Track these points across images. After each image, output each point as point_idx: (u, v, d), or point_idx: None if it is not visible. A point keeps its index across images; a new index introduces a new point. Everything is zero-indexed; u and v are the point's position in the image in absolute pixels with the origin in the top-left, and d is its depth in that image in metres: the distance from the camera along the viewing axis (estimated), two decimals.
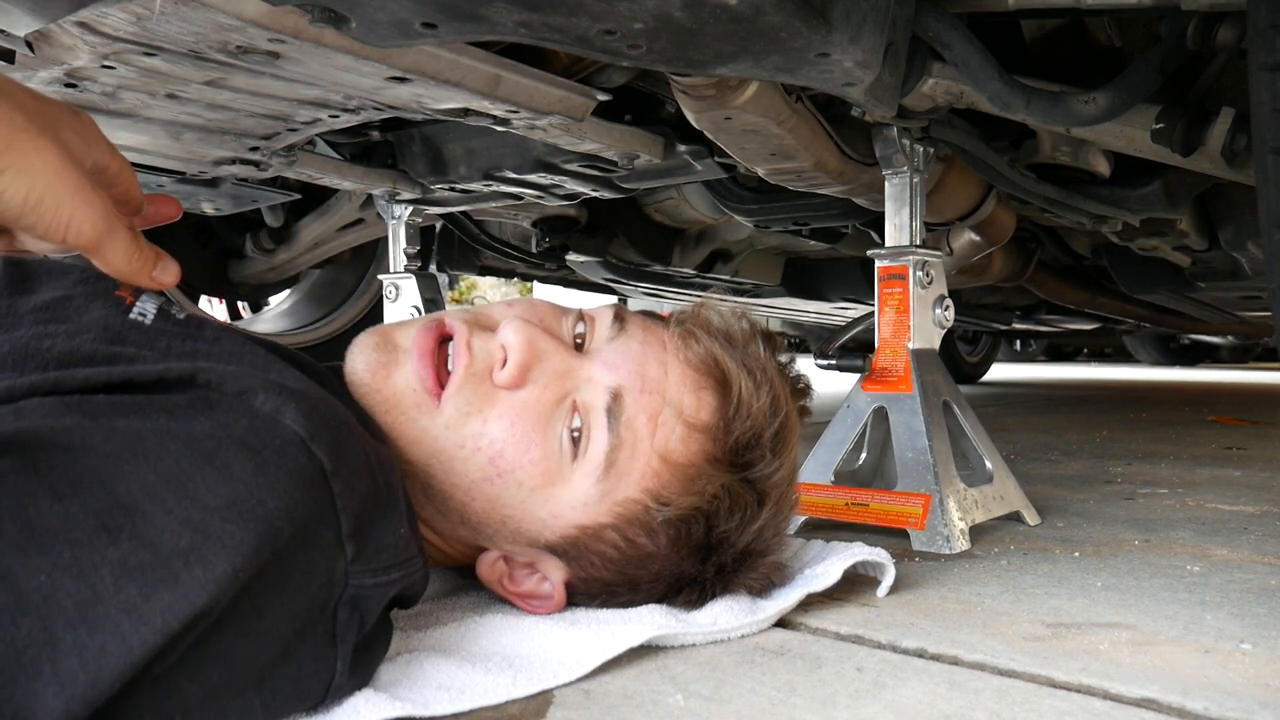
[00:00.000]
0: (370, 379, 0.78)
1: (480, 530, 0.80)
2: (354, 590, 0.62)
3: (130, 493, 0.53)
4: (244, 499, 0.56)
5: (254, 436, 0.59)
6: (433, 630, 0.79)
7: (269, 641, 0.57)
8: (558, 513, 0.78)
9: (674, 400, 0.79)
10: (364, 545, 0.63)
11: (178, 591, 0.51)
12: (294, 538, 0.58)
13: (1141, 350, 8.46)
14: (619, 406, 0.78)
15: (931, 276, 1.32)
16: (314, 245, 2.34)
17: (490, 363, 0.78)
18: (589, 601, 0.84)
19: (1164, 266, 2.39)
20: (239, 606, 0.55)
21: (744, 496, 0.81)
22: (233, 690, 0.55)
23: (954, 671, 0.75)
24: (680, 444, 0.79)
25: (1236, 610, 0.91)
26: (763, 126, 1.14)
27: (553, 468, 0.77)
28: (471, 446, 0.76)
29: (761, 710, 0.67)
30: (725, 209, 1.82)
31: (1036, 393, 4.74)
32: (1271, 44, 0.88)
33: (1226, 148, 1.19)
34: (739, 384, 0.81)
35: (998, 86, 1.07)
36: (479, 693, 0.67)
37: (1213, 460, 2.06)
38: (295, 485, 0.59)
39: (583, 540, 0.79)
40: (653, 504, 0.78)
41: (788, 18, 0.79)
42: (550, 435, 0.77)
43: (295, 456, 0.59)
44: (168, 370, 0.63)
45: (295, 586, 0.58)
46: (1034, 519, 1.33)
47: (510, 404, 0.77)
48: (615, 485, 0.78)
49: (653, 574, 0.82)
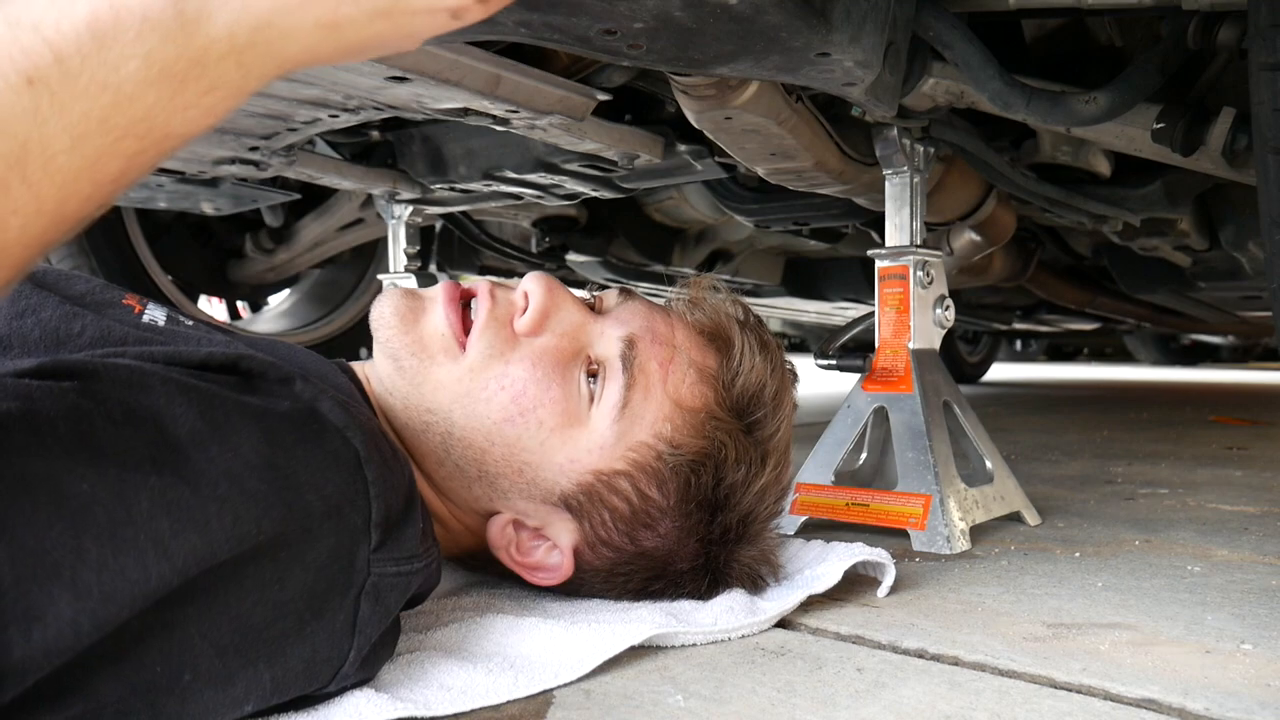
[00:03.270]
0: (399, 322, 0.80)
1: (496, 484, 0.81)
2: (376, 578, 0.63)
3: (179, 434, 0.54)
4: (281, 465, 0.57)
5: (297, 416, 0.61)
6: (435, 631, 0.79)
7: (286, 615, 0.58)
8: (575, 456, 0.80)
9: (683, 349, 0.84)
10: (389, 535, 0.63)
11: (205, 537, 0.52)
12: (323, 515, 0.59)
13: (1142, 350, 8.47)
14: (632, 352, 0.81)
15: (932, 276, 1.32)
16: (314, 245, 2.34)
17: (512, 311, 0.82)
18: (594, 579, 0.84)
19: (1165, 266, 2.39)
20: (262, 572, 0.56)
21: (749, 450, 0.84)
22: (244, 658, 0.56)
23: (954, 672, 0.75)
24: (690, 389, 0.82)
25: (1237, 610, 0.91)
26: (763, 126, 1.14)
27: (572, 408, 0.80)
28: (495, 386, 0.79)
29: (761, 710, 0.67)
30: (725, 209, 1.82)
31: (1037, 393, 4.75)
32: (1272, 44, 0.88)
33: (1227, 147, 1.19)
34: (740, 343, 0.86)
35: (998, 86, 1.07)
36: (480, 693, 0.67)
37: (1213, 460, 2.06)
38: (330, 465, 0.60)
39: (597, 489, 0.80)
40: (665, 448, 0.81)
41: (788, 17, 0.79)
42: (569, 378, 0.80)
43: (332, 440, 0.61)
44: (211, 356, 0.64)
45: (318, 565, 0.59)
46: (1034, 519, 1.33)
47: (531, 348, 0.80)
48: (630, 428, 0.80)
49: (660, 538, 0.82)
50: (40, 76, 0.41)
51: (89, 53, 0.42)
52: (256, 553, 0.55)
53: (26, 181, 0.42)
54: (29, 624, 0.45)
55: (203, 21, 0.45)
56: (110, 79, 0.43)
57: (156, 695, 0.52)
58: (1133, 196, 1.55)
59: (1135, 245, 2.06)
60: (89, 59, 0.42)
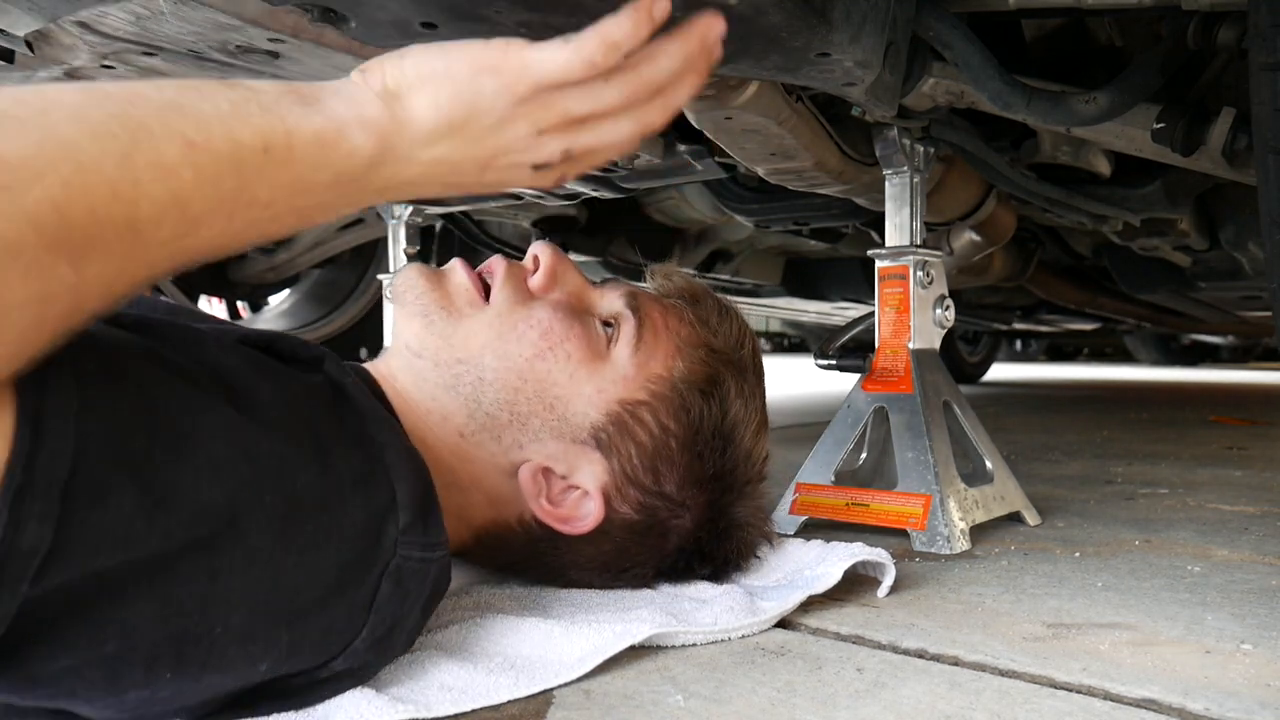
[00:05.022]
0: (426, 283, 0.85)
1: (528, 424, 0.83)
2: (401, 560, 0.64)
3: (234, 381, 0.60)
4: (316, 429, 0.62)
5: (327, 391, 0.68)
6: (435, 631, 0.79)
7: (315, 580, 0.59)
8: (602, 386, 0.85)
9: (671, 305, 0.93)
10: (416, 518, 0.65)
11: (253, 469, 0.56)
12: (353, 484, 0.62)
13: (1142, 350, 8.46)
14: (636, 302, 0.89)
15: (932, 276, 1.32)
16: (314, 245, 2.34)
17: (524, 273, 0.89)
18: (621, 532, 0.86)
19: (1165, 266, 2.39)
20: (303, 532, 0.58)
21: (744, 385, 0.92)
22: (270, 618, 0.57)
23: (954, 672, 0.75)
24: (688, 331, 0.91)
25: (1237, 611, 0.91)
26: (763, 126, 1.14)
27: (594, 345, 0.86)
28: (524, 326, 0.84)
29: (761, 710, 0.67)
30: (725, 209, 1.81)
31: (1036, 393, 4.75)
32: (1272, 44, 0.88)
33: (1227, 147, 1.19)
34: (712, 301, 0.96)
35: (998, 86, 1.07)
36: (481, 693, 0.68)
37: (1213, 460, 2.06)
38: (353, 442, 0.65)
39: (624, 419, 0.85)
40: (678, 378, 0.87)
41: (788, 17, 0.79)
42: (587, 321, 0.87)
43: (354, 422, 0.66)
44: (248, 334, 0.71)
45: (351, 535, 0.61)
46: (1034, 519, 1.33)
47: (547, 299, 0.87)
48: (646, 360, 0.87)
49: (679, 475, 0.86)
50: (273, 149, 0.55)
51: (311, 151, 0.56)
52: (299, 511, 0.58)
53: (231, 217, 0.54)
54: (91, 503, 0.48)
55: (373, 173, 0.60)
56: (307, 174, 0.57)
57: (185, 644, 0.54)
58: (1133, 196, 1.55)
59: (1135, 245, 2.06)
60: (308, 153, 0.56)
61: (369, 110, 0.59)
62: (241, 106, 0.54)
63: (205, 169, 0.51)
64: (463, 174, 0.64)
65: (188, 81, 0.55)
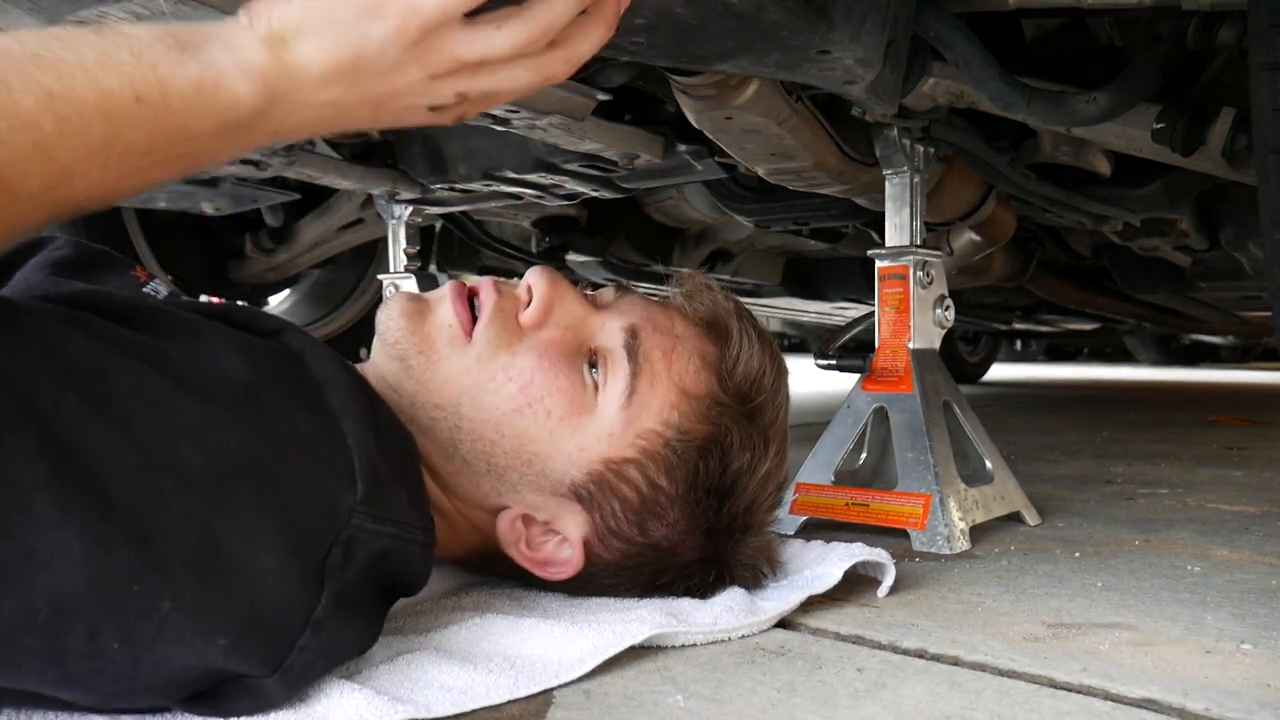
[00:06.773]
0: (406, 323, 0.81)
1: (505, 477, 0.81)
2: (352, 531, 0.61)
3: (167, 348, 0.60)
4: (257, 389, 0.61)
5: (280, 355, 0.66)
6: (435, 631, 0.79)
7: (262, 545, 0.57)
8: (584, 445, 0.80)
9: (684, 338, 0.85)
10: (374, 491, 0.62)
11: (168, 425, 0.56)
12: (298, 448, 0.60)
13: (1141, 350, 8.47)
14: (636, 341, 0.83)
15: (932, 276, 1.32)
16: (314, 245, 2.33)
17: (516, 304, 0.84)
18: (602, 574, 0.84)
19: (1165, 266, 2.39)
20: (240, 496, 0.57)
21: (752, 435, 0.85)
22: (219, 588, 0.55)
23: (955, 672, 0.75)
24: (694, 376, 0.84)
25: (1237, 611, 0.91)
26: (763, 126, 1.14)
27: (579, 397, 0.81)
28: (502, 377, 0.80)
29: (761, 710, 0.67)
30: (725, 209, 1.81)
31: (1036, 393, 4.75)
32: (1272, 44, 0.88)
33: (1227, 147, 1.19)
34: (738, 331, 0.88)
35: (998, 86, 1.07)
36: (481, 693, 0.67)
37: (1213, 460, 2.06)
38: (306, 410, 0.63)
39: (607, 478, 0.81)
40: (673, 435, 0.82)
41: (789, 15, 0.79)
42: (575, 368, 0.82)
43: (309, 390, 0.65)
44: (204, 305, 0.70)
45: (297, 499, 0.59)
46: (1034, 519, 1.33)
47: (536, 340, 0.82)
48: (638, 415, 0.81)
49: (669, 528, 0.83)
50: (146, 98, 0.54)
51: (189, 100, 0.56)
52: (233, 472, 0.56)
53: (106, 166, 0.53)
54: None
55: (261, 119, 0.59)
56: (189, 123, 0.56)
57: (129, 616, 0.52)
58: (1133, 196, 1.55)
59: (1135, 245, 2.06)
60: (185, 102, 0.56)
61: (251, 56, 0.58)
62: (110, 54, 0.53)
63: (69, 119, 0.51)
64: (356, 116, 0.63)
65: (54, 30, 0.55)
